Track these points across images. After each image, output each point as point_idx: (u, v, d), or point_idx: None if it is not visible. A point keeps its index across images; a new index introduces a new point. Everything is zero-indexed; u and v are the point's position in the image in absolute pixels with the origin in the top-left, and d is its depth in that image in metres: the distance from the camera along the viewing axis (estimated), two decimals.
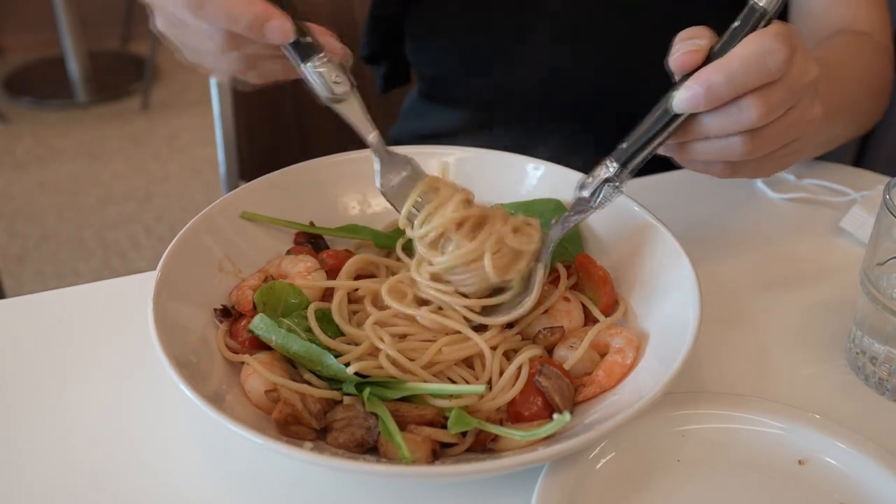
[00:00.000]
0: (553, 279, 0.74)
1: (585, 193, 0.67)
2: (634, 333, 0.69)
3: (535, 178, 0.84)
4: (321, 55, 0.68)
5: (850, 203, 0.95)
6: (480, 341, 0.67)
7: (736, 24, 0.62)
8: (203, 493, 0.61)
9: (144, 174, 3.01)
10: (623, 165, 0.65)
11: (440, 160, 0.86)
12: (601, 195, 0.66)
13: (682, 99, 0.61)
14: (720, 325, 0.77)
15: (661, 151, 0.66)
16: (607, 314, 0.72)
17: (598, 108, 1.03)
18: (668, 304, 0.69)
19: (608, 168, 0.66)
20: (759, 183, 1.00)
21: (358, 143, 0.73)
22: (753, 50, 0.59)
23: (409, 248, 0.75)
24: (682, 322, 0.65)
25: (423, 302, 0.71)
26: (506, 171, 0.85)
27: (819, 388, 0.72)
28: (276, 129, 1.49)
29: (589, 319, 0.73)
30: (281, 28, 0.65)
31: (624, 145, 0.65)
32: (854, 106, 0.95)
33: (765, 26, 0.61)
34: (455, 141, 0.88)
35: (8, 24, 3.76)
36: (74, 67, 3.41)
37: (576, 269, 0.75)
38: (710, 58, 0.61)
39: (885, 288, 0.68)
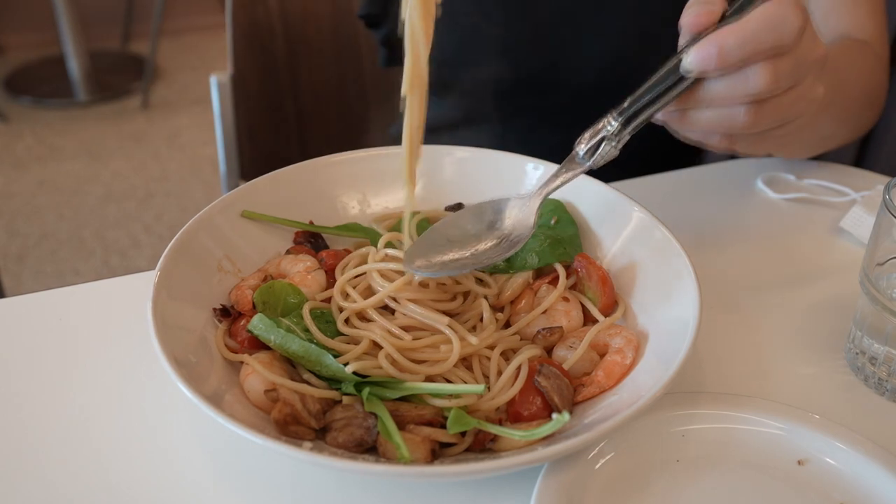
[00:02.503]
0: (552, 279, 0.74)
1: (581, 149, 0.67)
2: (634, 333, 0.69)
3: (535, 177, 0.84)
4: None
5: (850, 203, 0.95)
6: (455, 341, 0.66)
7: None
8: (203, 493, 0.61)
9: (144, 173, 3.02)
10: (625, 124, 0.64)
11: (440, 160, 0.86)
12: (599, 152, 0.66)
13: (694, 59, 0.61)
14: (720, 325, 0.77)
15: (660, 118, 0.66)
16: (607, 314, 0.72)
17: (601, 104, 1.04)
18: (667, 304, 0.69)
19: (609, 124, 0.65)
20: (760, 183, 0.99)
21: (357, 143, 0.73)
22: (770, 15, 0.59)
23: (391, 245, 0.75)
24: (681, 322, 0.65)
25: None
26: (506, 171, 0.84)
27: (819, 388, 0.72)
28: (276, 129, 1.49)
29: (588, 319, 0.73)
30: None
31: (626, 104, 0.65)
32: (849, 106, 0.95)
33: None
34: (454, 134, 0.87)
35: (8, 23, 3.76)
36: (74, 67, 3.41)
37: (575, 269, 0.75)
38: (721, 23, 0.61)
39: (885, 288, 0.68)
